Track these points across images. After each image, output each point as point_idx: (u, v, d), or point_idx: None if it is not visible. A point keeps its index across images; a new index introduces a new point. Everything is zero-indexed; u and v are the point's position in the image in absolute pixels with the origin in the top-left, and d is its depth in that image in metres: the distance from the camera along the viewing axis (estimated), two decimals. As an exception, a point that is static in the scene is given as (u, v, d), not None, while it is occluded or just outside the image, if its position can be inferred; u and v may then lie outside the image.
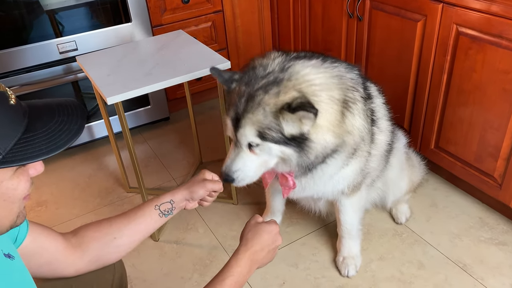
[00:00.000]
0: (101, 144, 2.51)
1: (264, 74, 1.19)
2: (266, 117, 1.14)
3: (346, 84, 1.24)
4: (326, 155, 1.23)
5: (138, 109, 2.52)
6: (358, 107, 1.26)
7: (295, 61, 1.21)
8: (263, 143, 1.18)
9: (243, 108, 1.17)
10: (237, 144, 1.22)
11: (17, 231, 0.93)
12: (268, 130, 1.15)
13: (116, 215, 1.13)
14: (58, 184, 2.25)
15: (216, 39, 2.61)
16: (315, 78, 1.18)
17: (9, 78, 2.12)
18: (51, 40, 2.15)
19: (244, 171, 1.24)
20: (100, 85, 1.58)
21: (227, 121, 1.23)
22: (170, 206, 1.15)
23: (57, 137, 0.69)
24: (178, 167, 2.31)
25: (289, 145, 1.17)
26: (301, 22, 2.45)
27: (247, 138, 1.18)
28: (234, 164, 1.23)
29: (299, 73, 1.18)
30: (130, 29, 2.30)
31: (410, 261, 1.69)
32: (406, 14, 1.79)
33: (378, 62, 2.04)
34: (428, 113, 1.87)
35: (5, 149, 0.64)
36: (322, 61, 1.25)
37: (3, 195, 0.68)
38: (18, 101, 0.69)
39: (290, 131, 1.15)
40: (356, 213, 1.61)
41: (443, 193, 1.99)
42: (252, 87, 1.18)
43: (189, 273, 1.71)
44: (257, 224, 1.09)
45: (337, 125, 1.20)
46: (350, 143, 1.26)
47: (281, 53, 1.29)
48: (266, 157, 1.22)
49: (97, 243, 1.06)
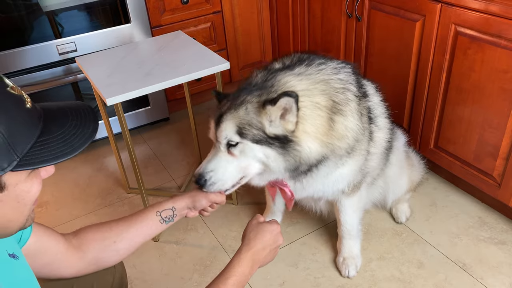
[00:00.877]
0: (101, 144, 2.52)
1: (248, 86, 1.23)
2: (248, 114, 1.15)
3: (333, 87, 1.23)
4: (312, 164, 1.21)
5: (138, 110, 2.52)
6: (351, 107, 1.26)
7: (278, 72, 1.24)
8: (242, 141, 1.15)
9: (227, 108, 1.19)
10: (217, 144, 1.20)
11: (21, 231, 0.94)
12: (248, 126, 1.14)
13: (117, 218, 1.14)
14: (58, 184, 2.25)
15: (215, 40, 2.61)
16: (296, 84, 1.19)
17: (9, 79, 2.11)
18: (51, 41, 2.16)
19: (218, 173, 1.17)
20: (100, 86, 1.58)
21: (211, 122, 1.24)
22: (172, 213, 1.16)
23: (72, 140, 0.70)
24: (178, 167, 2.31)
25: (271, 146, 1.14)
26: (300, 22, 2.45)
27: (226, 134, 1.16)
28: (209, 164, 1.18)
29: (281, 81, 1.20)
30: (130, 30, 2.30)
31: (409, 260, 1.69)
32: (405, 14, 1.79)
33: (377, 62, 2.04)
34: (427, 112, 1.87)
35: (22, 152, 0.64)
36: (307, 66, 1.26)
37: (17, 197, 0.68)
38: (34, 104, 0.70)
39: (273, 131, 1.14)
40: (356, 213, 1.62)
41: (442, 192, 1.99)
42: (237, 93, 1.21)
43: (189, 274, 1.71)
44: (258, 223, 1.10)
45: (325, 134, 1.19)
46: (343, 147, 1.25)
47: (263, 69, 1.31)
48: (247, 161, 1.17)
49: (97, 245, 1.07)
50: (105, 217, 2.02)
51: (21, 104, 0.67)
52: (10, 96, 0.65)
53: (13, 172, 0.65)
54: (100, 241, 1.07)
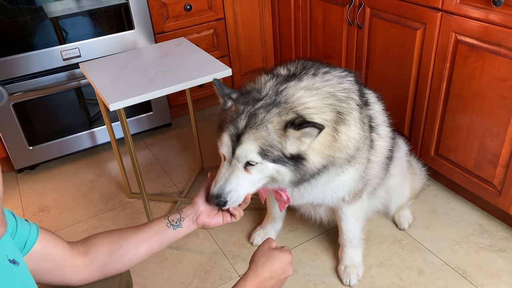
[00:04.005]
0: (103, 149, 2.53)
1: (260, 97, 1.21)
2: (269, 134, 1.14)
3: (338, 98, 1.25)
4: (314, 173, 1.23)
5: (141, 115, 2.54)
6: (354, 116, 1.27)
7: (287, 84, 1.23)
8: (262, 162, 1.15)
9: (245, 124, 1.15)
10: (233, 162, 1.18)
11: (26, 236, 0.93)
12: (270, 148, 1.14)
13: (127, 227, 1.15)
14: (60, 189, 2.27)
15: (218, 46, 2.63)
16: (309, 101, 1.19)
17: (14, 84, 2.14)
18: (55, 47, 2.18)
19: (238, 191, 1.17)
20: (103, 91, 1.60)
21: (224, 137, 1.18)
22: (179, 217, 1.13)
23: None
24: (180, 172, 2.33)
25: (286, 164, 1.16)
26: (302, 29, 2.47)
27: (248, 155, 1.15)
28: (228, 184, 1.17)
29: (294, 96, 1.19)
30: (133, 36, 2.32)
31: (410, 267, 1.69)
32: (406, 22, 1.81)
33: (378, 69, 2.05)
34: (428, 120, 1.88)
35: None
36: (313, 76, 1.26)
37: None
38: None
39: (290, 150, 1.15)
40: (358, 222, 1.62)
41: (443, 200, 1.99)
42: (251, 106, 1.18)
43: (189, 279, 1.72)
44: (270, 250, 1.05)
45: (328, 147, 1.21)
46: (343, 157, 1.26)
47: (271, 75, 1.30)
48: (260, 176, 1.19)
49: (104, 250, 1.06)
50: (107, 222, 2.03)
51: None
52: None
53: None
54: (107, 245, 1.06)
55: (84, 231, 1.98)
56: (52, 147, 2.38)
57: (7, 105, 2.16)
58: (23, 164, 2.36)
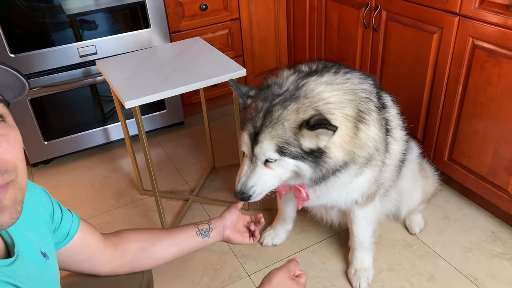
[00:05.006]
0: (117, 146, 2.56)
1: (280, 92, 1.22)
2: (285, 132, 1.15)
3: (359, 96, 1.25)
4: (335, 170, 1.24)
5: (154, 113, 2.56)
6: (373, 117, 1.28)
7: (309, 78, 1.24)
8: (281, 158, 1.18)
9: (262, 122, 1.18)
10: (253, 159, 1.23)
11: (70, 226, 0.98)
12: (287, 145, 1.16)
13: (157, 228, 1.22)
14: (73, 184, 2.30)
15: (232, 46, 2.64)
16: (330, 96, 1.20)
17: (31, 79, 2.18)
18: (72, 44, 2.20)
19: (259, 186, 1.24)
20: (119, 89, 1.62)
21: (244, 136, 1.23)
22: (207, 227, 1.21)
23: None
24: (191, 171, 2.34)
25: (305, 160, 1.18)
26: (317, 31, 2.47)
27: (266, 153, 1.18)
28: (250, 180, 1.24)
29: (314, 90, 1.20)
30: (149, 35, 2.34)
31: (420, 273, 1.68)
32: (422, 26, 1.80)
33: (393, 72, 2.04)
34: (442, 125, 1.86)
35: None
36: (335, 74, 1.27)
37: None
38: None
39: (308, 145, 1.16)
40: (369, 225, 1.61)
41: (455, 205, 1.98)
42: (269, 103, 1.20)
43: (199, 276, 1.73)
44: (289, 279, 1.04)
45: (348, 142, 1.21)
46: (363, 155, 1.27)
47: (293, 70, 1.31)
48: (281, 170, 1.23)
49: (137, 245, 1.11)
50: (119, 218, 2.05)
51: None
52: None
53: None
54: (140, 241, 1.12)
55: (96, 227, 1.99)
56: (67, 142, 2.41)
57: (24, 99, 2.19)
58: (38, 159, 2.39)
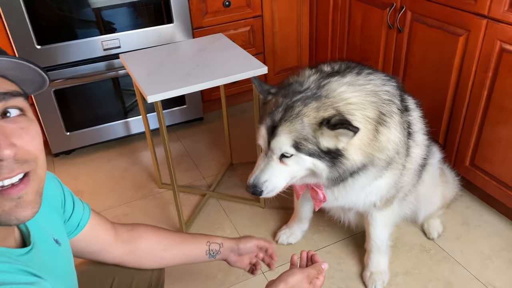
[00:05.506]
0: (137, 139, 2.59)
1: (301, 89, 1.22)
2: (304, 128, 1.15)
3: (381, 98, 1.24)
4: (353, 171, 1.23)
5: (174, 108, 2.58)
6: (395, 120, 1.26)
7: (331, 78, 1.23)
8: (297, 154, 1.17)
9: (281, 116, 1.17)
10: (268, 153, 1.22)
11: (81, 216, 1.00)
12: (304, 141, 1.15)
13: (173, 231, 1.22)
14: (94, 175, 2.33)
15: (253, 44, 2.64)
16: (351, 97, 1.19)
17: (55, 71, 2.22)
18: (96, 37, 2.24)
19: (272, 182, 1.22)
20: (142, 83, 1.63)
21: (262, 129, 1.22)
22: (218, 248, 1.20)
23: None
24: (209, 166, 2.35)
25: (322, 159, 1.17)
26: (340, 30, 2.45)
27: (282, 147, 1.17)
28: (263, 174, 1.22)
29: (336, 90, 1.19)
30: (172, 30, 2.36)
31: (437, 278, 1.66)
32: (449, 28, 1.77)
33: (416, 74, 2.01)
34: (465, 129, 1.83)
35: None
36: (357, 75, 1.26)
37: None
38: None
39: (326, 145, 1.16)
40: (387, 228, 1.60)
41: (475, 211, 1.94)
42: (289, 99, 1.19)
43: (214, 272, 1.74)
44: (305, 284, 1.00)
45: (368, 144, 1.20)
46: (383, 158, 1.26)
47: (315, 70, 1.30)
48: (296, 168, 1.21)
49: (147, 246, 1.13)
50: (137, 210, 2.08)
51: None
52: None
53: None
54: (152, 243, 1.13)
55: (114, 218, 2.04)
56: (88, 134, 2.45)
57: (48, 90, 2.24)
58: (59, 149, 2.44)
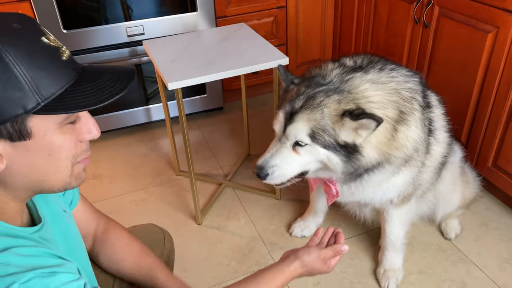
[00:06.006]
0: (157, 126, 2.62)
1: (324, 82, 1.21)
2: (323, 118, 1.14)
3: (402, 97, 1.22)
4: (368, 168, 1.22)
5: (195, 97, 2.59)
6: (416, 117, 1.24)
7: (354, 74, 1.21)
8: (311, 144, 1.16)
9: (302, 104, 1.17)
10: (282, 139, 1.20)
11: (72, 195, 0.98)
12: (321, 131, 1.14)
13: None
14: (113, 160, 2.37)
15: (276, 34, 2.63)
16: (373, 95, 1.18)
17: (80, 55, 2.25)
18: (121, 23, 2.26)
19: (281, 168, 1.20)
20: (163, 70, 1.65)
21: (279, 113, 1.21)
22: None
23: (100, 93, 0.69)
24: (227, 156, 2.36)
25: (338, 152, 1.16)
26: (365, 24, 2.41)
27: (298, 134, 1.16)
28: (273, 158, 1.20)
29: (359, 87, 1.18)
30: (195, 19, 2.36)
31: (452, 279, 1.64)
32: (477, 24, 1.72)
33: (440, 71, 1.97)
34: (489, 129, 1.79)
35: (47, 97, 0.65)
36: (380, 71, 1.24)
37: (47, 149, 0.68)
38: (73, 59, 0.71)
39: (344, 138, 1.15)
40: (403, 225, 1.58)
41: (496, 214, 1.90)
42: (312, 89, 1.18)
43: (227, 260, 1.76)
44: (320, 264, 1.06)
45: (384, 143, 1.19)
46: (400, 156, 1.24)
47: (337, 64, 1.29)
48: (309, 159, 1.20)
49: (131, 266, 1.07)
50: (154, 196, 2.11)
51: (55, 55, 0.67)
52: (43, 44, 0.66)
53: (40, 119, 0.65)
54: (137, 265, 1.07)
55: (131, 202, 2.07)
56: (109, 119, 2.49)
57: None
58: (81, 133, 2.48)
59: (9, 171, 0.67)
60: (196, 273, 1.71)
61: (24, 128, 0.65)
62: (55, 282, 0.64)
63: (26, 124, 0.65)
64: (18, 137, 0.65)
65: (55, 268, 0.66)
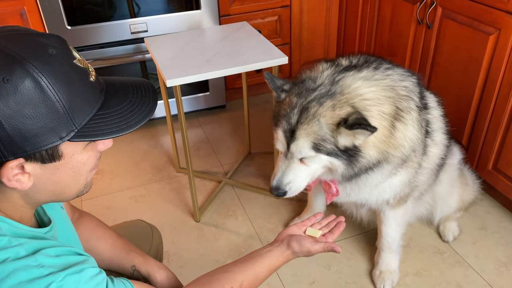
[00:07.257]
0: (160, 123, 2.64)
1: (314, 86, 1.19)
2: (321, 128, 1.14)
3: (398, 93, 1.21)
4: (368, 168, 1.22)
5: (198, 94, 2.61)
6: (412, 117, 1.23)
7: (345, 73, 1.20)
8: (316, 155, 1.17)
9: (297, 119, 1.16)
10: (288, 156, 1.21)
11: None
12: (323, 141, 1.14)
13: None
14: (115, 156, 2.40)
15: (280, 34, 2.63)
16: (367, 92, 1.17)
17: (84, 52, 2.28)
18: (125, 20, 2.28)
19: (296, 183, 1.24)
20: (163, 67, 1.66)
21: (279, 132, 1.21)
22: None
23: (129, 117, 0.73)
24: (227, 154, 2.37)
25: (339, 157, 1.17)
26: (368, 24, 2.40)
27: (302, 151, 1.17)
28: (286, 176, 1.23)
29: (350, 86, 1.17)
30: (199, 17, 2.37)
31: (448, 281, 1.63)
32: (479, 26, 1.70)
33: (442, 73, 1.96)
34: (490, 132, 1.77)
35: (81, 124, 0.68)
36: (374, 70, 1.23)
37: (73, 167, 0.72)
38: (97, 77, 0.73)
39: (344, 143, 1.15)
40: (399, 227, 1.57)
41: (495, 217, 1.88)
42: (304, 99, 1.17)
43: (223, 257, 1.77)
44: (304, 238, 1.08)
45: (383, 141, 1.18)
46: (398, 155, 1.24)
47: (330, 64, 1.27)
48: (316, 166, 1.22)
49: None
50: (153, 192, 2.12)
51: (85, 77, 0.69)
52: (75, 68, 0.68)
53: (70, 142, 0.68)
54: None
55: (131, 198, 2.09)
56: (113, 115, 2.50)
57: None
58: (85, 128, 2.51)
59: (35, 187, 0.71)
60: (192, 269, 1.72)
61: (56, 152, 0.68)
62: (84, 277, 0.70)
63: (59, 148, 0.68)
64: (49, 159, 0.68)
65: (82, 265, 0.71)
